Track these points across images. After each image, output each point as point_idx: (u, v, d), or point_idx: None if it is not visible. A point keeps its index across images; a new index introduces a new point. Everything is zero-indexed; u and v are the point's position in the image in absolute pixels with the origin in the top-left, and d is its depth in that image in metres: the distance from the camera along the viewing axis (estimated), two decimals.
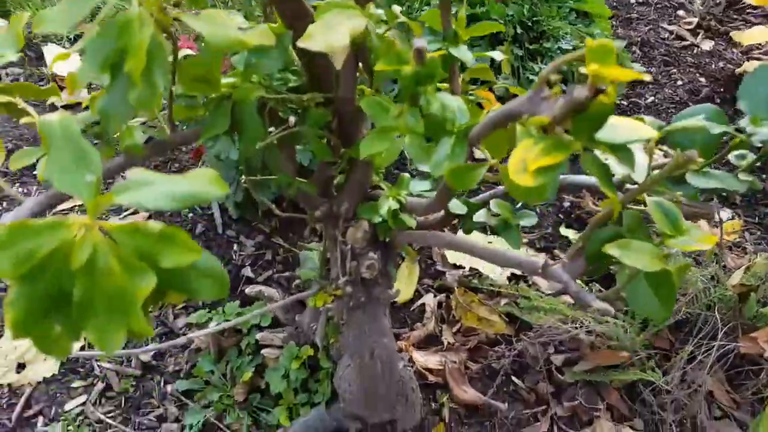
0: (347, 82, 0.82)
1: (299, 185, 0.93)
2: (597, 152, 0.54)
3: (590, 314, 1.43)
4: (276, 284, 1.55)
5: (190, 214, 1.74)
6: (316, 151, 0.89)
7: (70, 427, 1.29)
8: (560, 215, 1.77)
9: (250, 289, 1.39)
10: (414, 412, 1.30)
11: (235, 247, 1.64)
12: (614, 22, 2.60)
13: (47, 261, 0.43)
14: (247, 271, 1.56)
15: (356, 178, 0.97)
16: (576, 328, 1.39)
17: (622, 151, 0.54)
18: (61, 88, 2.33)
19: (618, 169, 0.60)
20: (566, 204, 1.79)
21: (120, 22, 0.51)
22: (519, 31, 1.94)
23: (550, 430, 1.33)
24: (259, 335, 1.38)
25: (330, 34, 0.58)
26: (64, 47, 2.48)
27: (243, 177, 1.55)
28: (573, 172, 0.88)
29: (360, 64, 0.80)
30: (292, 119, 0.85)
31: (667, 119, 2.12)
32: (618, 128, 0.54)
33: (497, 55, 0.92)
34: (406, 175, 1.04)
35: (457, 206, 1.06)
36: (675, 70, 2.35)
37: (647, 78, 0.60)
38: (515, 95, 0.62)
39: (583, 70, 0.47)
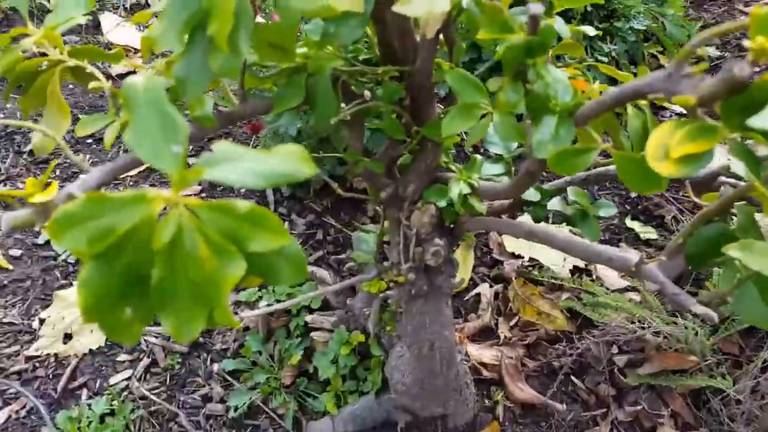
0: (428, 54, 0.75)
1: (366, 164, 0.88)
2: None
3: (657, 314, 1.36)
4: (326, 265, 1.52)
5: (242, 189, 1.72)
6: (389, 127, 0.84)
7: (114, 402, 1.29)
8: (626, 206, 1.68)
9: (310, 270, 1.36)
10: (466, 408, 1.25)
11: (286, 225, 1.60)
12: (686, 3, 2.46)
13: (126, 239, 0.39)
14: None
15: (424, 159, 0.92)
16: (642, 328, 1.31)
17: None
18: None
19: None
20: (633, 194, 1.70)
21: None
22: (589, 8, 1.84)
23: None
24: (309, 317, 1.35)
25: (431, 1, 0.52)
26: (120, 16, 2.46)
27: None
28: None
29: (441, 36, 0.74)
30: (367, 93, 0.80)
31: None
32: None
33: (590, 30, 0.85)
34: (479, 157, 0.98)
35: (530, 192, 1.00)
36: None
37: None
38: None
39: (745, 43, 0.41)
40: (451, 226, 0.98)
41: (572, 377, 1.34)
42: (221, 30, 0.46)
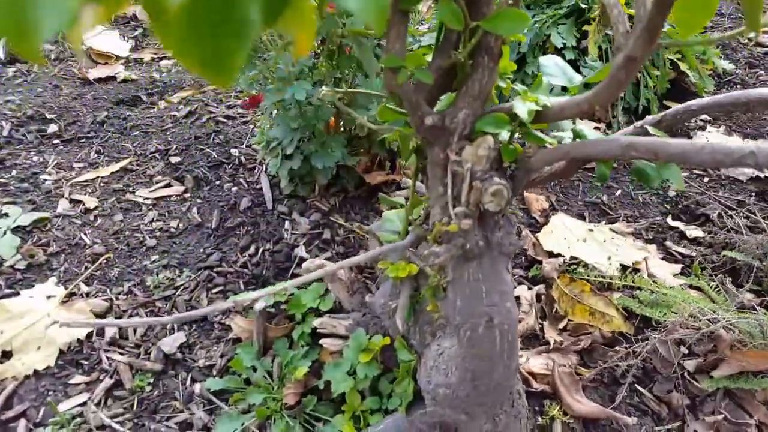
0: None
1: (412, 66, 0.68)
2: None
3: (725, 307, 1.14)
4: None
5: (234, 188, 1.48)
6: (444, 13, 0.65)
7: (69, 429, 0.99)
8: (665, 205, 1.49)
9: (308, 263, 1.11)
10: (519, 425, 0.99)
11: (287, 224, 1.36)
12: None
13: None
14: (301, 251, 1.28)
15: (479, 79, 0.72)
16: (711, 323, 1.09)
17: None
18: (95, 62, 2.13)
19: None
20: (671, 194, 1.52)
21: None
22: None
23: None
24: (317, 321, 1.09)
25: None
26: (102, 24, 2.29)
27: (303, 140, 1.30)
28: None
29: None
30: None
31: (761, 117, 1.87)
32: None
33: None
34: (544, 77, 0.79)
35: (594, 135, 0.81)
36: (762, 72, 2.12)
37: None
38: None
39: None
40: (512, 168, 0.78)
41: (637, 386, 1.09)
42: None
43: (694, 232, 1.41)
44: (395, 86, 0.69)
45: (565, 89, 0.83)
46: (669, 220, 1.45)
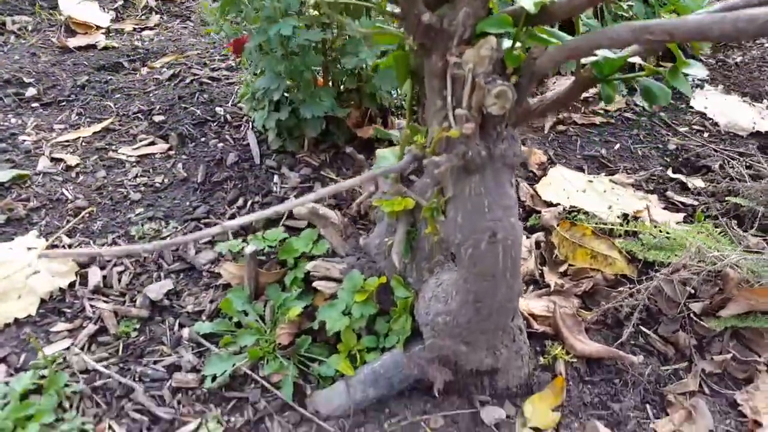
0: None
1: None
2: None
3: (736, 249, 1.13)
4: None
5: (220, 144, 1.46)
6: None
7: (44, 372, 0.96)
8: (665, 158, 1.49)
9: (299, 208, 1.10)
10: (521, 362, 0.98)
11: (276, 178, 1.34)
12: None
13: None
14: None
15: None
16: (718, 261, 1.08)
17: None
18: (74, 33, 2.11)
19: None
20: (671, 147, 1.52)
21: None
22: None
23: (700, 389, 1.00)
24: (310, 265, 1.07)
25: None
26: None
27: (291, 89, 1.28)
28: None
29: None
30: None
31: (759, 77, 1.88)
32: None
33: None
34: None
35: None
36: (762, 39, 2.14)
37: None
38: None
39: None
40: (516, 73, 0.76)
41: (642, 327, 1.08)
42: None
43: (695, 182, 1.41)
44: None
45: None
46: (669, 172, 1.45)
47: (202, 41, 2.09)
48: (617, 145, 1.53)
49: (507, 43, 0.75)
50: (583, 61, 0.86)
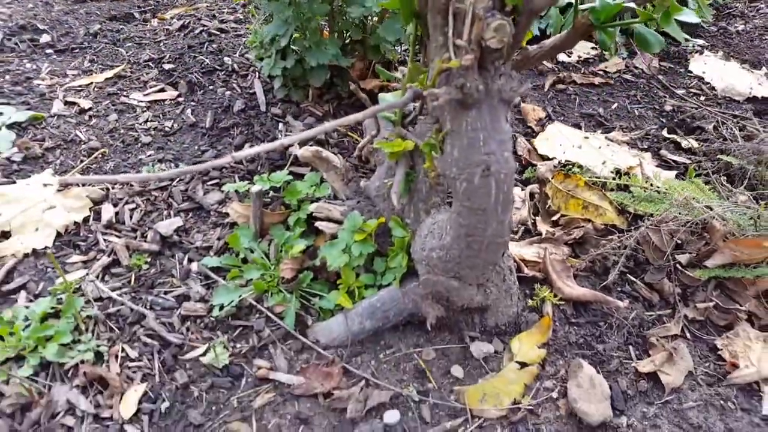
0: None
1: None
2: None
3: (722, 202, 1.16)
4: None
5: (227, 92, 1.49)
6: None
7: (62, 297, 1.01)
8: (662, 119, 1.51)
9: (303, 150, 1.12)
10: (510, 301, 1.02)
11: (281, 126, 1.37)
12: None
13: None
14: (296, 150, 1.29)
15: None
16: (705, 211, 1.11)
17: None
18: None
19: None
20: (667, 108, 1.54)
21: None
22: None
23: (682, 334, 1.04)
24: (312, 206, 1.10)
25: None
26: None
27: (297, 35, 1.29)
28: None
29: None
30: None
31: (759, 45, 1.88)
32: None
33: None
34: None
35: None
36: (762, 5, 2.13)
37: None
38: None
39: None
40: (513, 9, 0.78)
41: (629, 275, 1.12)
42: None
43: (688, 142, 1.43)
44: None
45: None
46: (664, 132, 1.47)
47: None
48: (614, 105, 1.55)
49: None
50: (582, 6, 0.88)
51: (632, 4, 0.79)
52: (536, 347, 0.99)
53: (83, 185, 1.24)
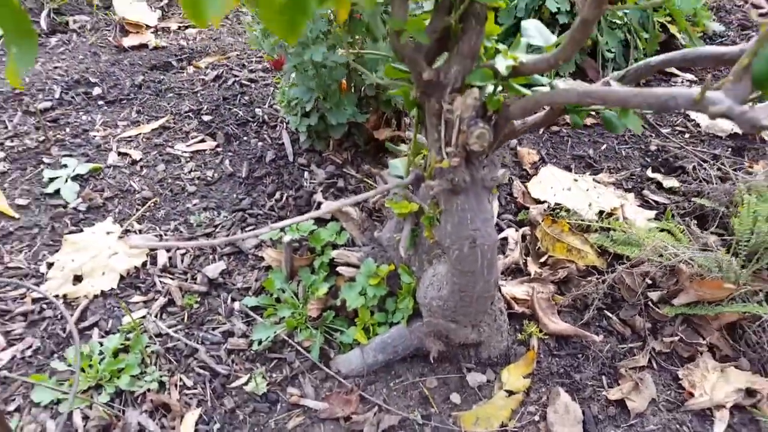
0: None
1: (412, 29, 0.85)
2: None
3: (690, 246, 1.32)
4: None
5: (260, 143, 1.68)
6: None
7: (130, 335, 1.22)
8: (646, 158, 1.66)
9: (325, 205, 1.31)
10: (501, 337, 1.20)
11: (306, 174, 1.57)
12: None
13: None
14: (319, 197, 1.49)
15: (468, 41, 0.89)
16: (675, 256, 1.27)
17: None
18: (127, 32, 2.32)
19: None
20: (652, 148, 1.69)
21: None
22: None
23: (649, 365, 1.21)
24: (334, 252, 1.29)
25: None
26: None
27: (320, 98, 1.48)
28: None
29: None
30: None
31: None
32: None
33: None
34: (522, 38, 0.96)
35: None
36: (754, 34, 2.25)
37: None
38: None
39: None
40: (495, 115, 0.95)
41: (606, 311, 1.29)
42: None
43: (670, 182, 1.58)
44: (399, 46, 0.87)
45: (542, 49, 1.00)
46: (648, 171, 1.62)
47: (239, 40, 2.30)
48: (604, 146, 1.70)
49: (491, 87, 0.94)
50: None
51: None
52: (522, 377, 1.17)
53: (140, 232, 1.45)
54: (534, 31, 0.99)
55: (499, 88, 0.93)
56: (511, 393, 1.14)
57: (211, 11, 0.39)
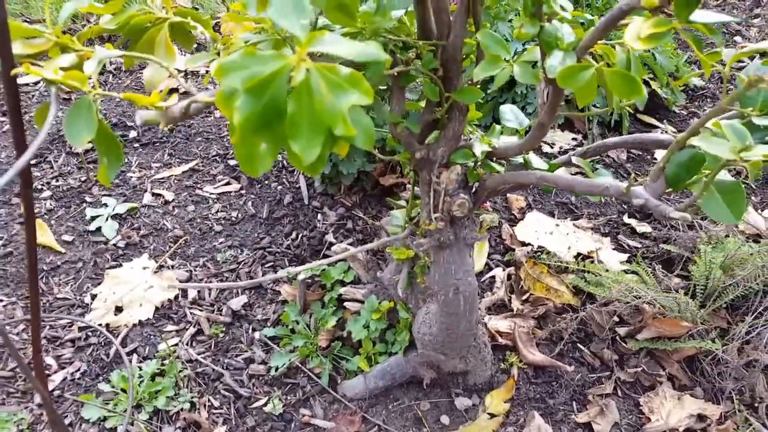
0: (460, 30, 0.92)
1: (407, 124, 1.03)
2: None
3: (653, 288, 1.48)
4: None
5: (279, 187, 1.87)
6: (427, 90, 0.99)
7: (164, 364, 1.39)
8: (623, 204, 1.83)
9: (336, 247, 1.49)
10: (485, 366, 1.36)
11: (319, 216, 1.75)
12: (675, 44, 2.69)
13: (269, 80, 0.53)
14: (330, 238, 1.66)
15: (452, 127, 1.06)
16: (638, 297, 1.43)
17: (712, 30, 0.64)
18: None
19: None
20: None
21: None
22: None
23: (614, 392, 1.36)
24: (342, 290, 1.46)
25: None
26: None
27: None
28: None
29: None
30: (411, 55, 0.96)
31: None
32: (706, 14, 0.63)
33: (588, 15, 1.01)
34: (498, 126, 1.13)
35: (539, 163, 1.15)
36: (732, 87, 2.41)
37: None
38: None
39: None
40: (474, 186, 1.13)
41: (578, 344, 1.45)
42: None
43: (643, 227, 1.74)
44: (396, 133, 1.05)
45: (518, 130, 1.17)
46: (624, 217, 1.78)
47: None
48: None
49: (471, 163, 1.12)
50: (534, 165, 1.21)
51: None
52: (503, 402, 1.33)
53: (172, 267, 1.63)
54: (510, 114, 1.17)
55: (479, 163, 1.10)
56: (493, 416, 1.30)
57: (261, 168, 0.56)
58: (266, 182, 1.91)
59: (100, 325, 1.51)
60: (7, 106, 0.71)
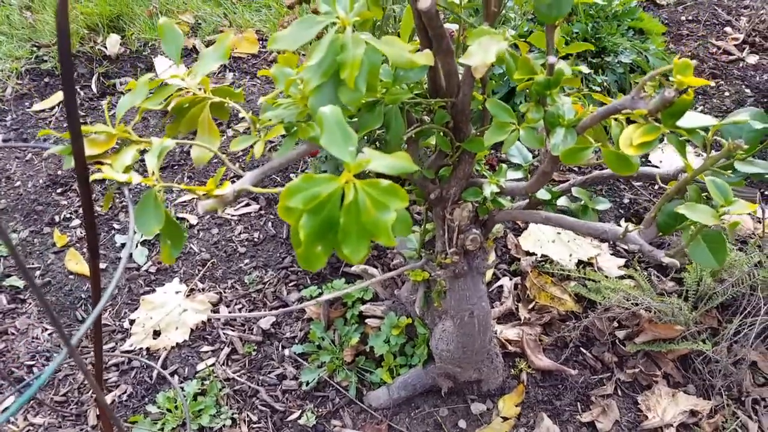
0: (468, 89, 1.03)
1: (421, 171, 1.15)
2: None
3: (648, 294, 1.61)
4: (372, 267, 1.77)
5: None
6: (440, 142, 1.11)
7: (204, 383, 1.53)
8: (620, 210, 1.94)
9: (354, 268, 1.61)
10: (497, 374, 1.49)
11: None
12: (666, 38, 2.77)
13: (326, 201, 0.65)
14: None
15: (463, 168, 1.18)
16: (636, 305, 1.56)
17: (694, 133, 0.75)
18: None
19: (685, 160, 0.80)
20: (626, 200, 1.97)
21: (338, 43, 0.73)
22: None
23: (615, 392, 1.50)
24: (362, 307, 1.59)
25: (485, 54, 0.79)
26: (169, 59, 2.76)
27: None
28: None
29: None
30: (426, 118, 1.07)
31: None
32: (692, 118, 0.74)
33: (585, 68, 1.13)
34: (504, 165, 1.25)
35: (542, 193, 1.27)
36: (723, 83, 2.50)
37: (712, 83, 0.79)
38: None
39: (670, 78, 0.68)
40: (484, 219, 1.24)
41: (581, 348, 1.58)
42: (351, 75, 0.73)
43: None
44: (411, 178, 1.16)
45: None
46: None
47: None
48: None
49: (481, 198, 1.23)
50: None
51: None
52: (514, 405, 1.47)
53: (203, 290, 1.76)
54: (515, 151, 1.28)
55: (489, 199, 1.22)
56: (505, 419, 1.44)
57: (318, 265, 0.69)
58: None
59: (140, 349, 1.64)
60: (82, 207, 0.82)
